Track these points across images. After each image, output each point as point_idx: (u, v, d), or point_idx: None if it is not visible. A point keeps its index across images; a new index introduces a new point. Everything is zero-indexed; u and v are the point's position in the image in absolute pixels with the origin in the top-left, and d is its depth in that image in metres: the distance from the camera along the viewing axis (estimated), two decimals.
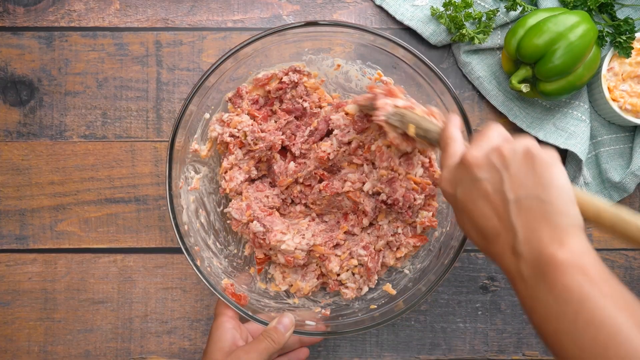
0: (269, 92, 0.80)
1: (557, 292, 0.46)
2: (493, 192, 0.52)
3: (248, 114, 0.79)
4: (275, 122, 0.81)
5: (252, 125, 0.78)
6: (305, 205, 0.82)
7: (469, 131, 0.73)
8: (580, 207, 0.52)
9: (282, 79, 0.79)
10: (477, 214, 0.53)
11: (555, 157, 0.52)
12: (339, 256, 0.79)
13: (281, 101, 0.81)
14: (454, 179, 0.56)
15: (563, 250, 0.47)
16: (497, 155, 0.53)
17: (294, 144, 0.81)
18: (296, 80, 0.79)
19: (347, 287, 0.79)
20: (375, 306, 0.77)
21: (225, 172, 0.79)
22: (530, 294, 0.48)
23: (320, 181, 0.79)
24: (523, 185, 0.51)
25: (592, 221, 0.54)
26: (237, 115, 0.79)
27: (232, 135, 0.78)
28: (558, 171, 0.51)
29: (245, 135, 0.78)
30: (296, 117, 0.82)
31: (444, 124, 0.63)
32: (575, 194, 0.52)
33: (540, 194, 0.50)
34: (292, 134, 0.81)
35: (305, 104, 0.80)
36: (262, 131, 0.78)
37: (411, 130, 0.67)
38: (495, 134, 0.56)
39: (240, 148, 0.79)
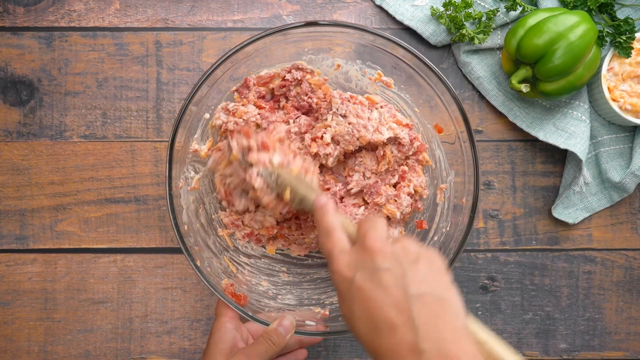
0: (272, 89, 0.80)
1: None
2: (395, 284, 0.52)
3: (254, 105, 0.79)
4: (285, 115, 0.81)
5: (259, 114, 0.79)
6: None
7: (469, 132, 0.73)
8: None
9: (284, 77, 0.79)
10: (373, 304, 0.52)
11: (444, 262, 0.56)
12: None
13: (287, 98, 0.81)
14: (354, 263, 0.55)
15: (463, 351, 0.48)
16: (402, 249, 0.54)
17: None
18: (299, 78, 0.79)
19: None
20: None
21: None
22: None
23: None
24: (425, 282, 0.52)
25: None
26: (242, 105, 0.79)
27: (237, 125, 0.78)
28: (450, 277, 0.54)
29: (258, 126, 0.78)
30: (304, 114, 0.82)
31: (319, 206, 0.62)
32: None
33: (442, 293, 0.51)
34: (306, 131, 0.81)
35: (311, 101, 0.80)
36: (272, 122, 0.79)
37: (287, 196, 0.67)
38: (384, 225, 0.58)
39: None
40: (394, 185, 0.81)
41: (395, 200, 0.79)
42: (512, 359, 0.52)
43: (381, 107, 0.79)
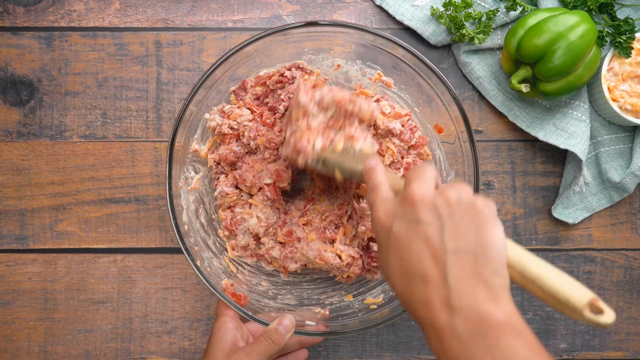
0: (268, 86, 0.80)
1: (499, 353, 0.45)
2: (433, 237, 0.50)
3: (248, 108, 0.80)
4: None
5: (252, 120, 0.79)
6: None
7: (469, 132, 0.73)
8: (508, 264, 0.51)
9: (283, 73, 0.79)
10: (410, 254, 0.51)
11: (495, 211, 0.52)
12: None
13: (273, 92, 0.81)
14: (392, 211, 0.54)
15: (499, 310, 0.46)
16: (444, 200, 0.52)
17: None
18: (297, 77, 0.79)
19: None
20: (375, 306, 0.77)
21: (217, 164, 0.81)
22: (467, 352, 0.46)
23: None
24: (463, 237, 0.50)
25: (516, 272, 0.52)
26: (238, 107, 0.79)
27: (230, 128, 0.78)
28: (498, 229, 0.51)
29: (244, 133, 0.78)
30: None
31: (367, 169, 0.62)
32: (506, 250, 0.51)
33: (478, 251, 0.49)
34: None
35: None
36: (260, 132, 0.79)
37: (338, 176, 0.69)
38: (433, 173, 0.55)
39: (236, 141, 0.79)
40: None
41: None
42: (578, 295, 0.48)
43: (377, 100, 0.79)
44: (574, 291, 0.48)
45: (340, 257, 0.76)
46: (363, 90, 0.80)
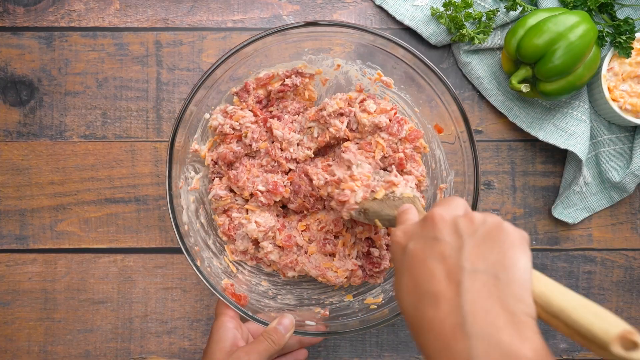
0: (270, 92, 0.80)
1: None
2: (450, 255, 0.46)
3: (251, 110, 0.80)
4: None
5: (254, 123, 0.79)
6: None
7: (469, 132, 0.73)
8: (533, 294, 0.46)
9: (284, 80, 0.79)
10: (422, 274, 0.46)
11: (525, 238, 0.47)
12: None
13: (281, 100, 0.82)
14: (409, 232, 0.52)
15: (525, 346, 0.40)
16: (466, 220, 0.48)
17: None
18: (298, 84, 0.79)
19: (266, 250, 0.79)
20: (375, 306, 0.77)
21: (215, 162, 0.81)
22: None
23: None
24: (484, 258, 0.45)
25: (539, 307, 0.46)
26: (241, 109, 0.79)
27: (232, 128, 0.78)
28: (524, 254, 0.46)
29: (247, 134, 0.78)
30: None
31: (401, 211, 0.60)
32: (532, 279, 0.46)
33: (499, 272, 0.44)
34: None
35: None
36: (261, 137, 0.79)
37: (378, 225, 0.69)
38: (462, 203, 0.53)
39: (237, 141, 0.79)
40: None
41: None
42: (605, 327, 0.42)
43: (363, 99, 0.79)
44: (600, 323, 0.42)
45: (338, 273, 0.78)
46: (349, 94, 0.81)
